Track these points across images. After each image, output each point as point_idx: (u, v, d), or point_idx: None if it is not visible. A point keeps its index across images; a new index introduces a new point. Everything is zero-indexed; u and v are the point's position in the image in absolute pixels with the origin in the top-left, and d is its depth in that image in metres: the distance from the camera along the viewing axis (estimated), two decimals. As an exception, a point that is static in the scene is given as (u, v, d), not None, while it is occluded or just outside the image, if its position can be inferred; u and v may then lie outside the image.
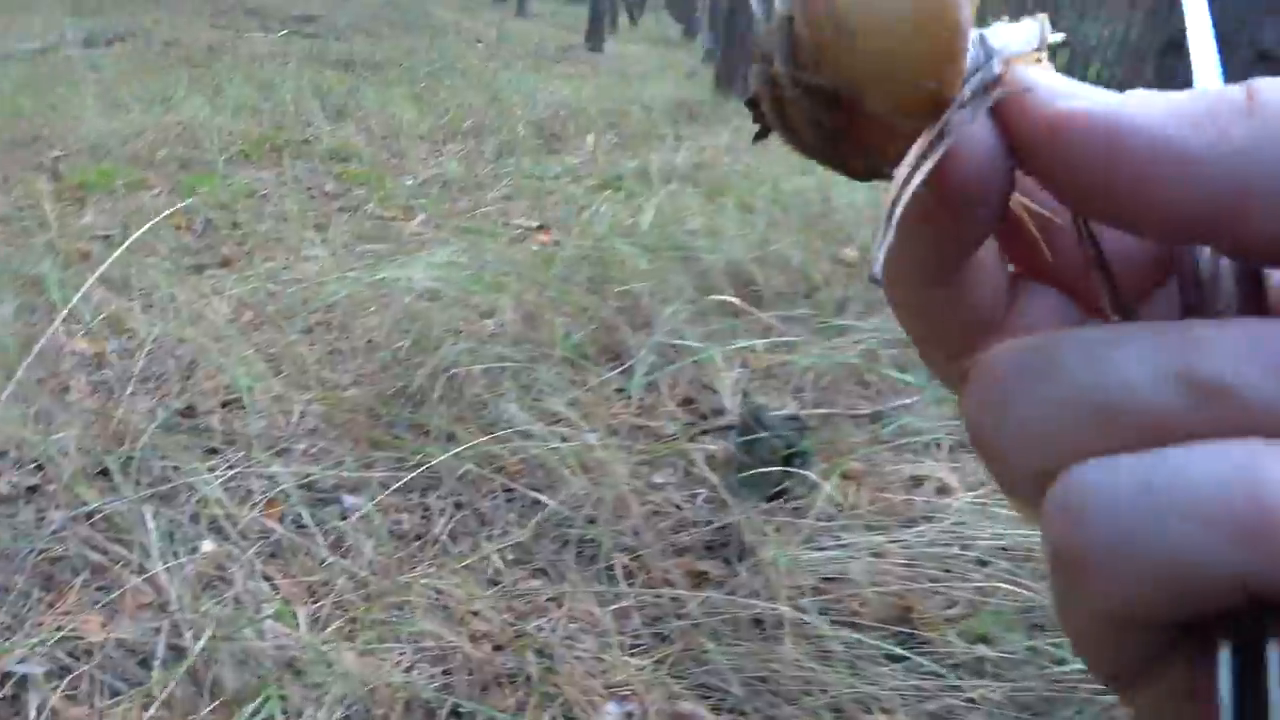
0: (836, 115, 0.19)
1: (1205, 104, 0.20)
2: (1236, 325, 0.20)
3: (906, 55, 0.18)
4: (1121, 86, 0.22)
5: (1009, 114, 0.21)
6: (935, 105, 0.19)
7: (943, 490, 2.04)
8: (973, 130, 0.20)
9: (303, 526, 1.99)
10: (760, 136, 0.22)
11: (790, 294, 3.08)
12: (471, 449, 2.17)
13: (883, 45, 0.18)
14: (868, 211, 3.82)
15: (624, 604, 1.74)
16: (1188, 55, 0.26)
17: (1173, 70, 2.96)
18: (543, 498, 1.99)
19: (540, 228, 4.36)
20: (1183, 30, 0.32)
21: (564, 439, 2.12)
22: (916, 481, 2.08)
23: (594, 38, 15.85)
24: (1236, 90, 0.20)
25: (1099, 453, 0.20)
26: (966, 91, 0.19)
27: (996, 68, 0.20)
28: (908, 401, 2.36)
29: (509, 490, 2.06)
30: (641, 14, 34.51)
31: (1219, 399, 0.19)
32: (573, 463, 2.00)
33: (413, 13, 16.70)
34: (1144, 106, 0.20)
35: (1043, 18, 0.22)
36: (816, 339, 2.76)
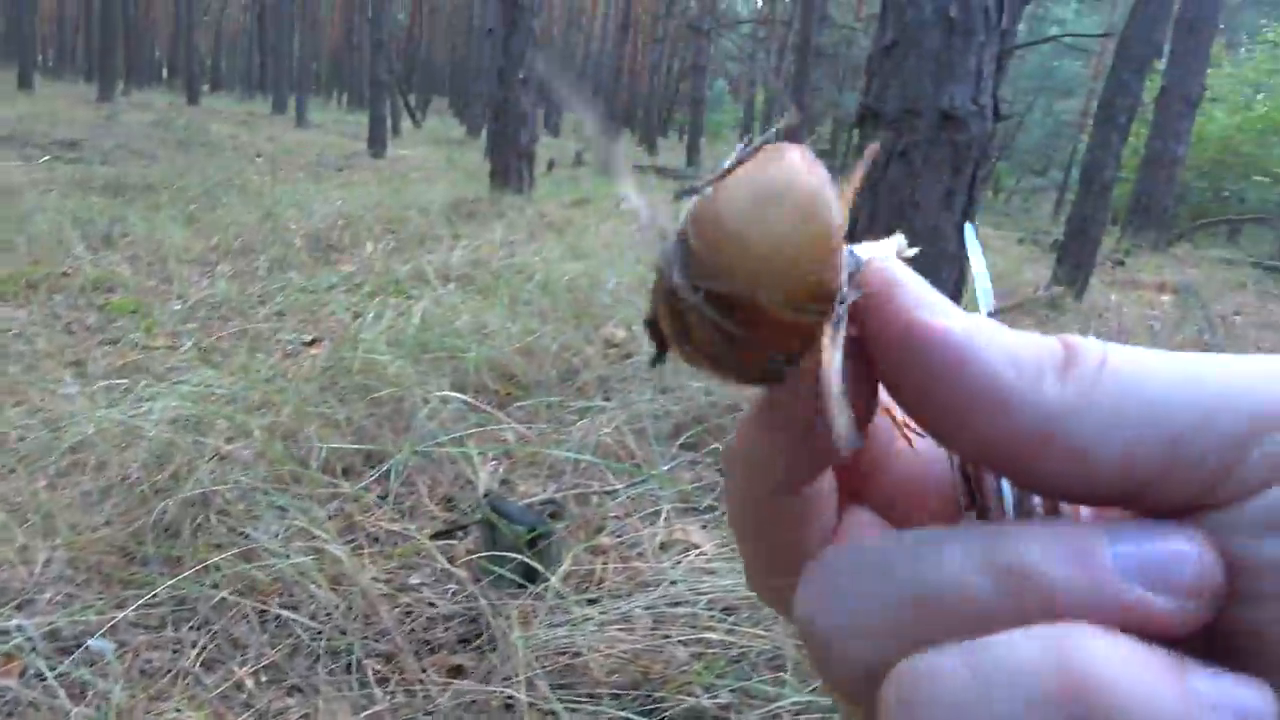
0: (736, 316, 0.21)
1: (1034, 356, 0.23)
2: (1038, 523, 0.23)
3: (789, 253, 0.20)
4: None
5: (873, 309, 0.23)
6: (820, 296, 0.21)
7: (688, 550, 2.15)
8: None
9: (43, 679, 1.91)
10: (658, 359, 0.23)
11: (552, 381, 3.18)
12: (225, 576, 2.14)
13: (768, 246, 0.20)
14: (626, 292, 3.97)
15: (378, 708, 1.75)
16: (973, 283, 0.33)
17: (869, 136, 3.29)
18: (296, 615, 1.98)
19: (312, 341, 4.33)
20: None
21: (317, 553, 2.12)
22: (664, 546, 2.19)
23: (376, 144, 15.89)
24: (1059, 349, 0.23)
25: (927, 643, 0.21)
26: (844, 286, 0.22)
27: (863, 265, 0.23)
28: (655, 472, 2.48)
29: (262, 612, 2.05)
30: (425, 116, 34.79)
31: (1026, 583, 0.21)
32: (319, 577, 2.01)
33: (187, 130, 16.29)
34: (990, 342, 0.23)
35: (900, 236, 0.26)
36: (576, 420, 2.86)
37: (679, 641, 1.80)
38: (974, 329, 0.23)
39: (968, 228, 0.40)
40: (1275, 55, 21.34)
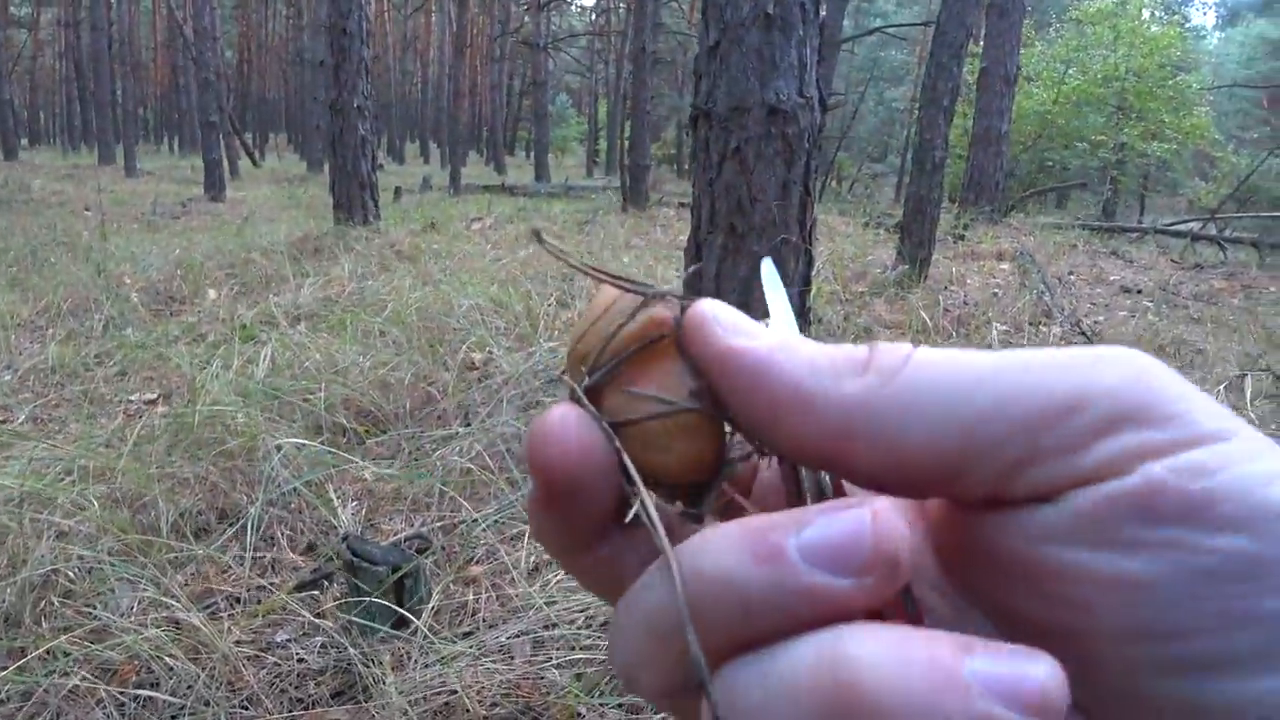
0: None
1: (832, 360, 0.25)
2: (736, 528, 0.23)
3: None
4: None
5: (693, 342, 0.26)
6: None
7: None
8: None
9: (-126, 802, 1.75)
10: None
11: (410, 412, 3.10)
12: (75, 660, 2.00)
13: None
14: (478, 316, 3.91)
15: (251, 779, 1.66)
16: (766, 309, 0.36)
17: (702, 138, 3.33)
18: (155, 693, 1.87)
19: (156, 399, 4.13)
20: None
21: (173, 624, 2.01)
22: (537, 568, 2.15)
23: (213, 187, 15.34)
24: (862, 350, 0.25)
25: (685, 672, 0.23)
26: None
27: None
28: (523, 493, 2.44)
29: (119, 694, 1.92)
30: (264, 155, 33.76)
31: (723, 592, 0.23)
32: (176, 649, 1.90)
33: (6, 188, 15.40)
34: (792, 355, 0.25)
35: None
36: (436, 450, 2.79)
37: (558, 665, 1.77)
38: (777, 346, 0.25)
39: (766, 263, 0.43)
40: (1081, 32, 22.65)
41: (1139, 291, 7.95)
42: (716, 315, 0.26)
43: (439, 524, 2.38)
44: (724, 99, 3.26)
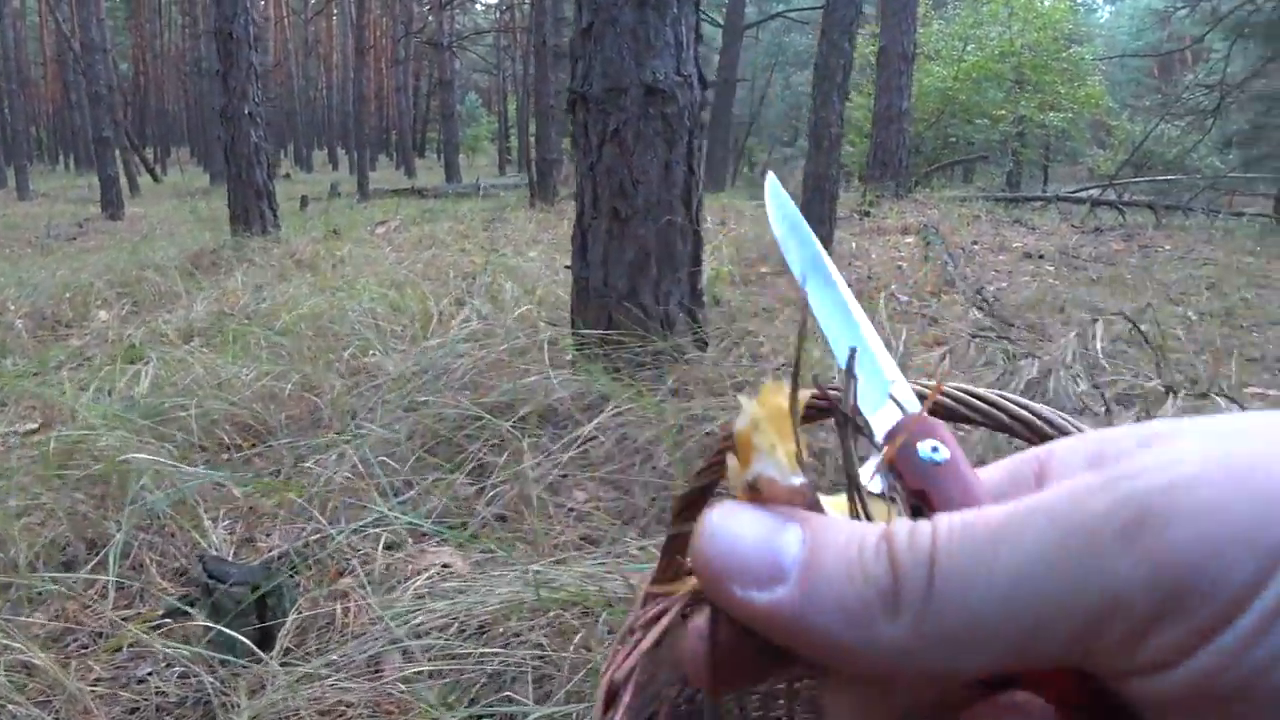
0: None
1: (861, 599, 0.25)
2: None
3: None
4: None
5: (711, 597, 0.29)
6: None
7: (440, 574, 2.04)
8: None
9: None
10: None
11: (293, 422, 2.98)
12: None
13: None
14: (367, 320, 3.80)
15: (103, 826, 1.55)
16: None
17: (581, 122, 3.26)
18: (2, 742, 1.74)
19: (37, 428, 3.93)
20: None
21: (24, 667, 1.88)
22: (415, 574, 2.07)
23: (110, 205, 14.86)
24: (886, 579, 0.25)
25: None
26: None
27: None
28: (403, 498, 2.35)
29: (-37, 745, 1.79)
30: (165, 169, 32.83)
31: None
32: (20, 695, 1.77)
33: (-119, 220, 14.71)
34: (819, 601, 0.26)
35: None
36: (317, 458, 2.69)
37: (422, 675, 1.69)
38: (804, 598, 0.26)
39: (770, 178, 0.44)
40: (977, 9, 23.07)
41: (1041, 257, 8.09)
42: (723, 566, 0.27)
43: (315, 537, 2.27)
44: (600, 80, 3.19)
